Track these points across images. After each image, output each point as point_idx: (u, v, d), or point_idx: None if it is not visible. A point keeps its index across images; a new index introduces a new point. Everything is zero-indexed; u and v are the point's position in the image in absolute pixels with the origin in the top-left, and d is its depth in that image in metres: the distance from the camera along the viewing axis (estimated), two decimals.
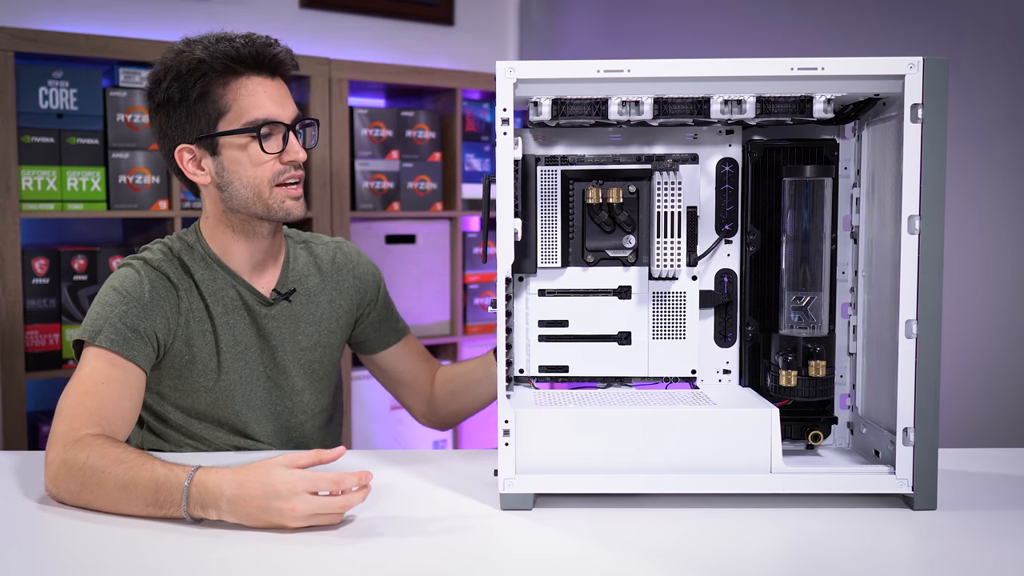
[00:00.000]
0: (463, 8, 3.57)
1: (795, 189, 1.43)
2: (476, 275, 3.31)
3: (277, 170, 1.58)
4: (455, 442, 3.30)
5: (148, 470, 1.31)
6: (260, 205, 1.59)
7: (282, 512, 1.23)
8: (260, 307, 1.67)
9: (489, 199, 1.39)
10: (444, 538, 1.25)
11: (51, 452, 1.39)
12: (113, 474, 1.32)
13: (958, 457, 1.56)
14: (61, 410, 1.45)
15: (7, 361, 2.47)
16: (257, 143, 1.56)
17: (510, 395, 1.40)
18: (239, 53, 1.56)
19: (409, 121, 3.17)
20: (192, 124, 1.58)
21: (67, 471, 1.36)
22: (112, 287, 1.58)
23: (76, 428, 1.41)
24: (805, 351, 1.43)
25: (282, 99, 1.60)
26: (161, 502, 1.29)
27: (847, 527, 1.28)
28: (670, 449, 1.34)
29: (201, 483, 1.26)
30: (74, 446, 1.37)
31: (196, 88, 1.56)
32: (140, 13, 2.92)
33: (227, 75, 1.56)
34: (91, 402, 1.46)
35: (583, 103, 1.36)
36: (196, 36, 1.60)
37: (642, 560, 1.17)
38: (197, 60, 1.55)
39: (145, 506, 1.30)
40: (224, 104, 1.56)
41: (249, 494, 1.24)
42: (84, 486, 1.34)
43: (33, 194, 2.52)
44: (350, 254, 1.80)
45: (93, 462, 1.34)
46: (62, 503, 1.37)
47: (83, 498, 1.34)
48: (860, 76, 1.32)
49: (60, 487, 1.36)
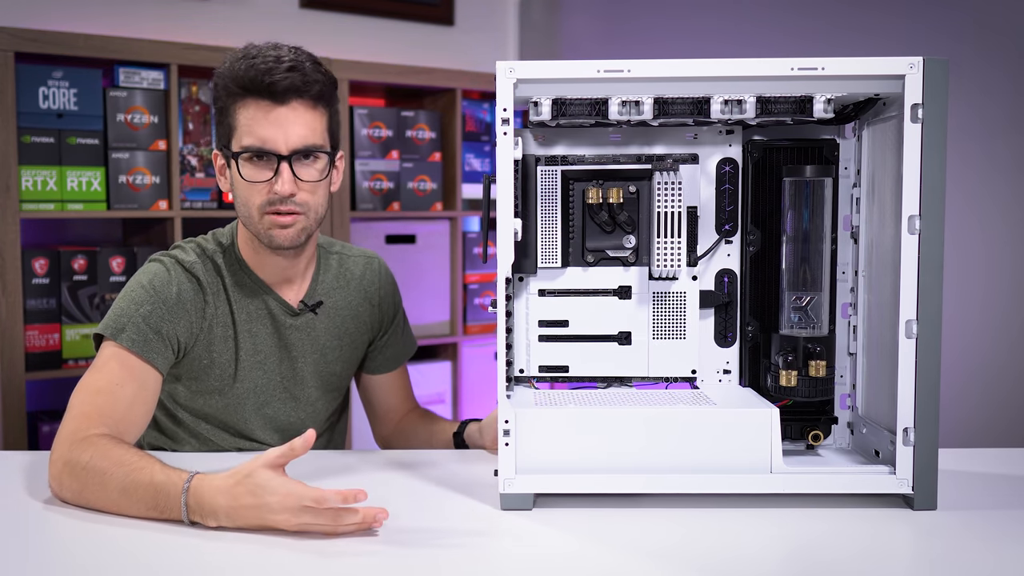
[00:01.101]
0: (463, 8, 3.57)
1: (795, 189, 1.43)
2: (476, 275, 3.31)
3: (264, 199, 1.55)
4: None
5: (147, 475, 1.30)
6: (252, 228, 1.59)
7: (276, 522, 1.23)
8: (285, 317, 1.67)
9: (489, 199, 1.39)
10: (444, 538, 1.25)
11: (56, 451, 1.39)
12: (114, 476, 1.32)
13: (958, 457, 1.56)
14: (72, 406, 1.44)
15: (7, 361, 2.47)
16: (237, 166, 1.56)
17: (510, 395, 1.40)
18: (238, 77, 1.54)
19: (409, 121, 3.17)
20: (220, 133, 1.61)
21: (70, 471, 1.35)
22: (141, 284, 1.57)
23: (83, 428, 1.40)
24: (805, 351, 1.43)
25: (284, 126, 1.53)
26: (161, 507, 1.29)
27: (847, 527, 1.28)
28: (670, 449, 1.34)
29: (197, 493, 1.26)
30: (79, 445, 1.37)
31: (220, 101, 1.58)
32: (140, 13, 2.91)
33: (234, 95, 1.55)
34: (103, 401, 1.46)
35: (583, 103, 1.36)
36: (256, 45, 1.58)
37: (642, 560, 1.17)
38: (219, 75, 1.57)
39: (146, 510, 1.30)
40: (233, 123, 1.57)
41: (242, 504, 1.24)
42: (86, 486, 1.34)
43: (33, 194, 2.52)
44: (380, 272, 1.81)
45: (96, 463, 1.34)
46: (64, 502, 1.37)
47: (85, 498, 1.34)
48: (860, 76, 1.32)
49: (63, 486, 1.36)
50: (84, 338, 2.62)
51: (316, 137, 1.56)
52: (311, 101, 1.55)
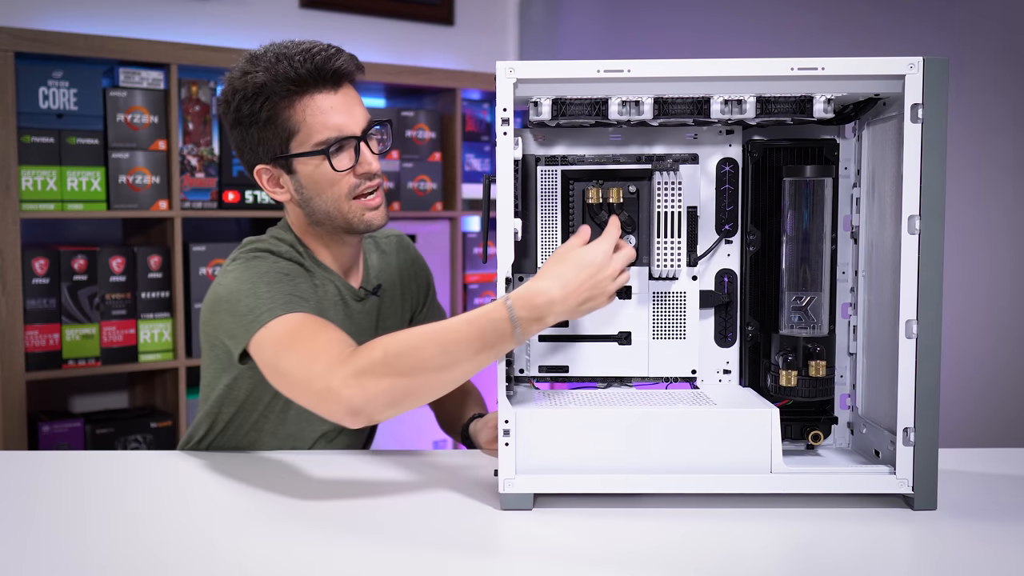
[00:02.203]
0: (463, 8, 3.57)
1: (795, 189, 1.43)
2: (476, 275, 3.31)
3: (352, 184, 1.56)
4: (455, 442, 3.29)
5: (457, 325, 1.28)
6: (341, 219, 1.58)
7: (605, 284, 1.31)
8: (354, 302, 1.67)
9: (489, 199, 1.39)
10: (444, 538, 1.25)
11: (333, 379, 1.30)
12: (423, 347, 1.28)
13: (958, 457, 1.56)
14: (302, 361, 1.35)
15: (7, 361, 2.47)
16: (328, 162, 1.53)
17: (510, 395, 1.40)
18: (298, 73, 1.51)
19: (409, 121, 3.17)
20: (265, 145, 1.56)
21: (369, 376, 1.29)
22: (258, 275, 1.50)
23: (336, 354, 1.33)
24: (805, 351, 1.43)
25: (350, 109, 1.56)
26: (491, 341, 1.28)
27: (847, 527, 1.28)
28: (671, 449, 1.34)
29: (525, 302, 1.28)
30: (354, 358, 1.30)
31: (264, 111, 1.53)
32: (140, 13, 2.92)
33: (291, 96, 1.52)
34: (321, 335, 1.38)
35: (583, 103, 1.36)
36: (260, 50, 1.55)
37: (642, 560, 1.17)
38: (260, 84, 1.51)
39: (474, 355, 1.28)
40: (293, 125, 1.53)
41: (575, 281, 1.29)
42: (399, 375, 1.28)
43: (33, 194, 2.52)
44: (410, 248, 1.85)
45: (393, 349, 1.29)
46: (372, 422, 1.31)
47: (400, 389, 1.29)
48: (860, 76, 1.32)
49: (369, 396, 1.29)
50: (84, 338, 2.62)
51: (367, 114, 1.59)
52: (352, 80, 1.59)
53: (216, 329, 1.54)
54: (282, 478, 1.48)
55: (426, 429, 3.28)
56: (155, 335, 2.72)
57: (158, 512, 1.36)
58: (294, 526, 1.28)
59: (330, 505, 1.36)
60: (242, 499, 1.41)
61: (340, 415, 1.32)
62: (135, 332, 2.70)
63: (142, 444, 2.72)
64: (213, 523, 1.31)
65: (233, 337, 1.48)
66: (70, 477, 1.55)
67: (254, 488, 1.44)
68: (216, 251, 2.81)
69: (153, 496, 1.45)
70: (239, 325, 1.46)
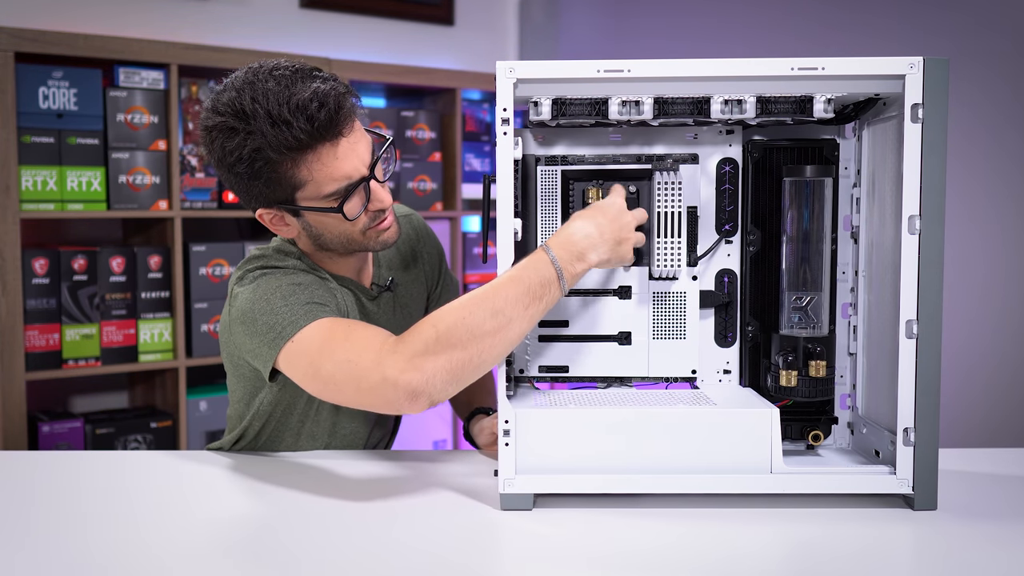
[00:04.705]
0: (463, 8, 3.57)
1: (795, 189, 1.43)
2: (476, 275, 3.31)
3: (365, 221, 1.50)
4: (455, 442, 3.29)
5: (501, 284, 1.28)
6: (356, 246, 1.54)
7: (629, 228, 1.37)
8: (367, 302, 1.64)
9: (489, 199, 1.39)
10: (444, 538, 1.25)
11: (387, 368, 1.27)
12: (473, 314, 1.26)
13: (958, 457, 1.56)
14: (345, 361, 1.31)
15: (7, 361, 2.47)
16: (341, 213, 1.45)
17: (510, 395, 1.40)
18: (299, 140, 1.39)
19: (409, 121, 3.17)
20: (267, 195, 1.46)
21: (424, 356, 1.26)
22: (274, 290, 1.44)
23: (380, 345, 1.30)
24: (805, 351, 1.43)
25: (355, 150, 1.45)
26: (539, 292, 1.29)
27: (847, 527, 1.28)
28: (670, 449, 1.34)
29: (563, 244, 1.32)
30: (404, 343, 1.28)
31: (264, 171, 1.42)
32: (140, 13, 2.92)
33: (293, 154, 1.40)
34: (356, 333, 1.34)
35: (583, 103, 1.36)
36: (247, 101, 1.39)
37: (642, 560, 1.17)
38: (256, 148, 1.40)
39: (524, 310, 1.28)
40: (298, 181, 1.43)
41: (604, 220, 1.35)
42: (454, 348, 1.26)
43: (33, 194, 2.52)
44: (420, 228, 1.80)
45: (444, 324, 1.27)
46: (435, 402, 1.29)
47: (457, 362, 1.27)
48: (860, 76, 1.32)
49: (427, 376, 1.26)
50: (84, 338, 2.62)
51: (369, 142, 1.51)
52: (353, 116, 1.48)
53: (238, 349, 1.51)
54: (281, 478, 1.48)
55: (426, 429, 3.29)
56: (155, 335, 2.72)
57: (158, 512, 1.36)
58: (294, 526, 1.28)
59: (330, 505, 1.36)
60: (242, 499, 1.41)
61: (400, 402, 1.28)
62: (135, 332, 2.70)
63: (142, 444, 2.72)
64: (213, 523, 1.31)
65: (258, 357, 1.44)
66: (70, 477, 1.55)
67: (254, 488, 1.44)
68: (216, 251, 2.82)
69: (153, 496, 1.45)
70: (262, 344, 1.42)
